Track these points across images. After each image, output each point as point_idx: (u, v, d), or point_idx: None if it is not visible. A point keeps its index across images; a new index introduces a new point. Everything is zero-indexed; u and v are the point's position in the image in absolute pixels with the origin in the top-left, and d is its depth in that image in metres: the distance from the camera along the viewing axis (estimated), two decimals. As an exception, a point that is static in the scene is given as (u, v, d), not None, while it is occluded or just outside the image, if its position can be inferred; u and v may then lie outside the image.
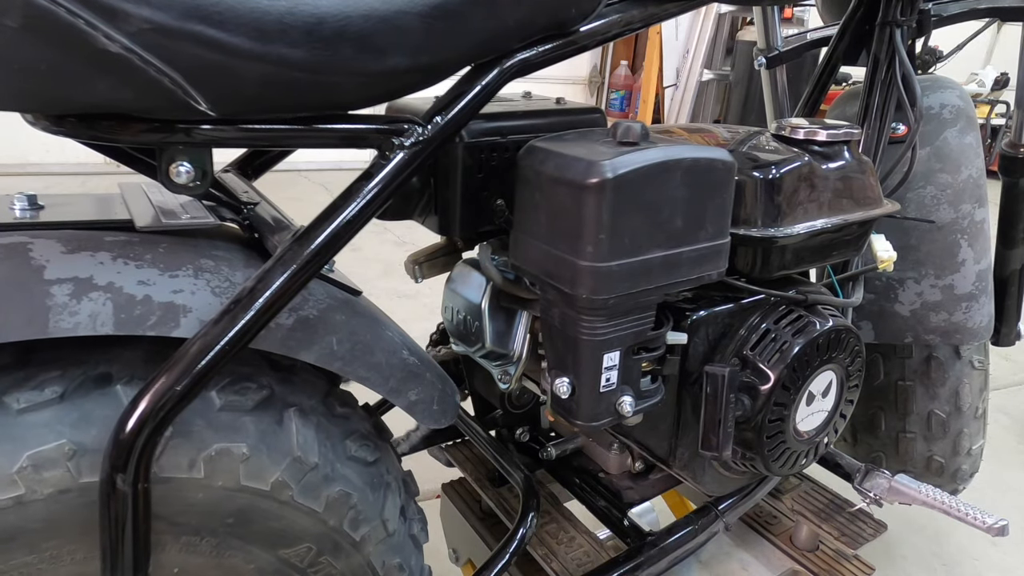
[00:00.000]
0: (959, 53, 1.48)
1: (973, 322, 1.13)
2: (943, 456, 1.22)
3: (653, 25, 0.74)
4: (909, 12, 0.96)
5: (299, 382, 0.63)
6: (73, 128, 0.50)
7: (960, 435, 1.20)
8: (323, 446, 0.61)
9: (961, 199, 1.10)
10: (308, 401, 0.62)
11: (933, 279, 1.11)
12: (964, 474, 1.25)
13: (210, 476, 0.55)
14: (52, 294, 0.49)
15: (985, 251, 1.13)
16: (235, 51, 0.46)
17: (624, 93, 5.44)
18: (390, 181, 0.57)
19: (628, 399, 0.68)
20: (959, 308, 1.11)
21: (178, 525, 0.55)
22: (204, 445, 0.54)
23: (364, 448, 0.66)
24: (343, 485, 0.62)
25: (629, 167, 0.58)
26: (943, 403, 1.18)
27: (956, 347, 1.16)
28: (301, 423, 0.60)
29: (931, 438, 1.21)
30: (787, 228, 0.74)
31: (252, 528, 0.58)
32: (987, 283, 1.13)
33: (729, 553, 0.98)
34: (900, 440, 1.24)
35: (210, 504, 0.56)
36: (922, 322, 1.13)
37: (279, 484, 0.58)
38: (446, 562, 1.15)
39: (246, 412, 0.57)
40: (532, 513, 0.84)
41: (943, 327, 1.12)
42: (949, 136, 1.10)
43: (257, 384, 0.59)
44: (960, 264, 1.11)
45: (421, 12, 0.52)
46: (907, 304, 1.13)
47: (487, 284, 0.74)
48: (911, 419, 1.21)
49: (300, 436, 0.60)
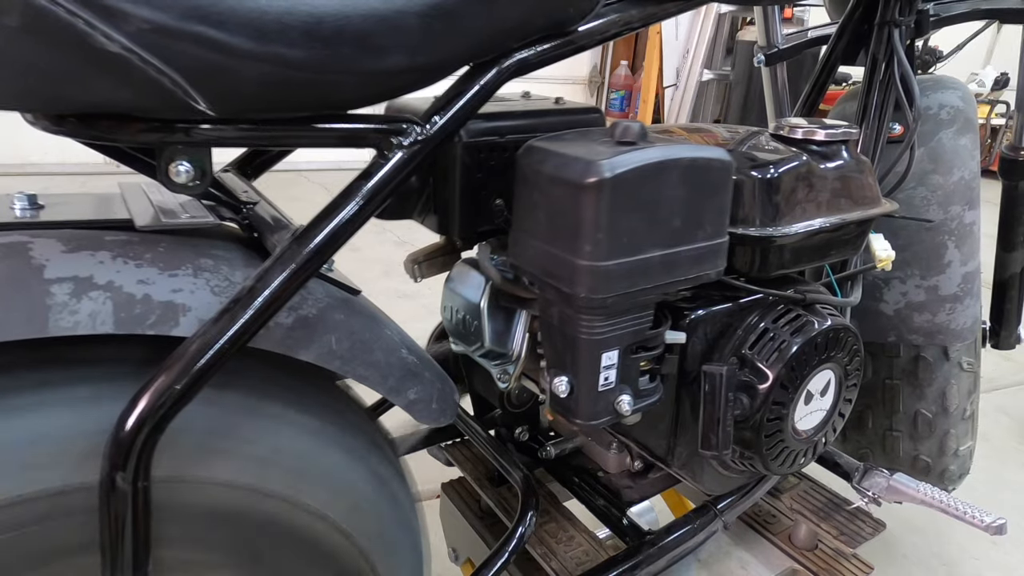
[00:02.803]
0: (959, 53, 1.48)
1: (957, 323, 1.13)
2: (929, 456, 1.22)
3: (652, 25, 0.74)
4: (907, 12, 0.96)
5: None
6: (73, 128, 0.50)
7: (947, 436, 1.20)
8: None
9: (951, 201, 1.10)
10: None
11: (918, 279, 1.12)
12: (952, 475, 1.25)
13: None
14: (52, 293, 0.49)
15: (973, 253, 1.13)
16: (234, 51, 0.46)
17: (624, 93, 5.44)
18: (389, 180, 0.57)
19: (627, 398, 0.68)
20: (943, 309, 1.12)
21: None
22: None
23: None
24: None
25: (627, 166, 0.59)
26: (930, 403, 1.18)
27: (944, 348, 1.16)
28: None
29: (917, 437, 1.21)
30: (785, 227, 0.74)
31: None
32: (974, 285, 1.13)
33: (728, 552, 0.98)
34: (887, 438, 1.24)
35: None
36: (905, 322, 1.14)
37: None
38: (446, 561, 1.15)
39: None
40: (531, 512, 0.84)
41: (926, 327, 1.13)
42: (944, 137, 1.10)
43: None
44: (946, 266, 1.11)
45: (420, 12, 0.52)
46: (891, 303, 1.14)
47: (486, 283, 0.74)
48: (897, 417, 1.22)
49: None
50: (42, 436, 0.50)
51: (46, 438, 0.50)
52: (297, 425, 0.60)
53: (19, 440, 0.49)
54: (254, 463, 0.57)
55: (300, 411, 0.60)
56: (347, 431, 0.64)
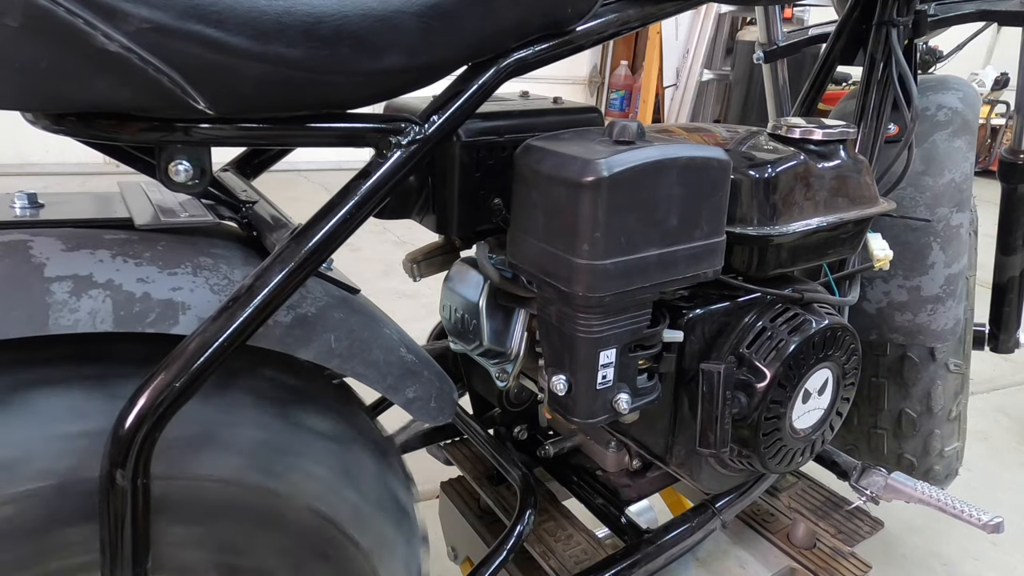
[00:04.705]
0: (959, 53, 1.48)
1: (937, 324, 1.13)
2: (913, 455, 1.22)
3: (650, 24, 0.74)
4: (905, 12, 0.97)
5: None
6: (73, 127, 0.50)
7: (931, 436, 1.20)
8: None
9: (939, 202, 1.10)
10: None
11: (901, 279, 1.12)
12: (938, 475, 1.25)
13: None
14: (52, 291, 0.50)
15: (958, 256, 1.13)
16: (233, 50, 0.46)
17: (624, 93, 5.44)
18: (387, 179, 0.57)
19: (625, 396, 0.68)
20: (924, 310, 1.12)
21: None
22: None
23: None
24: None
25: (625, 165, 0.59)
26: (914, 403, 1.18)
27: (931, 349, 1.16)
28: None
29: (901, 436, 1.21)
30: (783, 227, 0.74)
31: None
32: (957, 287, 1.13)
33: (726, 551, 0.98)
34: (871, 435, 1.24)
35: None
36: (887, 320, 1.14)
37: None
38: (445, 560, 1.15)
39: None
40: (530, 510, 0.84)
41: (907, 327, 1.13)
42: (938, 139, 1.11)
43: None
44: (929, 267, 1.11)
45: (418, 12, 0.53)
46: (874, 302, 1.14)
47: (484, 282, 0.75)
48: (882, 416, 1.22)
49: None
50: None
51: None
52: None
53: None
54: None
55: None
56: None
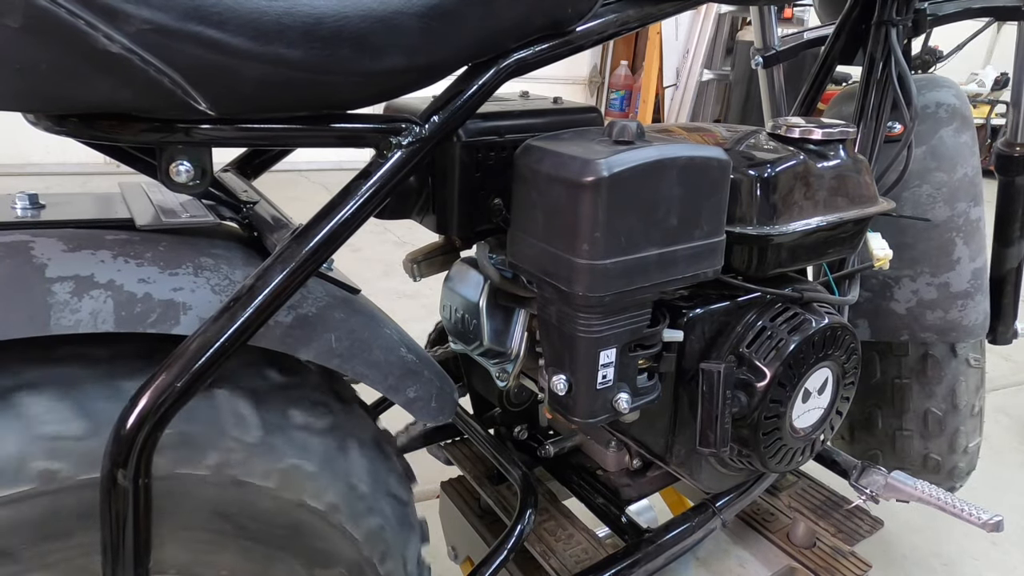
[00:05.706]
0: (959, 53, 1.48)
1: (969, 320, 1.13)
2: (939, 454, 1.22)
3: (650, 24, 0.74)
4: (905, 11, 0.97)
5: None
6: (74, 128, 0.50)
7: (957, 433, 1.20)
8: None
9: (957, 197, 1.10)
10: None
11: (929, 277, 1.12)
12: (961, 472, 1.25)
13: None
14: (53, 292, 0.50)
15: (981, 249, 1.13)
16: (234, 51, 0.46)
17: (624, 93, 5.43)
18: (388, 180, 0.57)
19: (625, 396, 0.69)
20: (955, 306, 1.12)
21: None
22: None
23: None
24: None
25: (624, 165, 0.59)
26: (939, 401, 1.19)
27: (952, 345, 1.16)
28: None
29: (928, 436, 1.21)
30: (782, 226, 0.74)
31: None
32: (983, 281, 1.14)
33: (726, 550, 0.98)
34: (897, 438, 1.24)
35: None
36: (918, 320, 1.14)
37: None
38: (445, 560, 1.15)
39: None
40: (530, 510, 0.84)
41: (939, 325, 1.13)
42: (945, 135, 1.11)
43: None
44: (955, 262, 1.11)
45: (418, 12, 0.53)
46: (903, 302, 1.14)
47: (485, 282, 0.75)
48: (907, 417, 1.22)
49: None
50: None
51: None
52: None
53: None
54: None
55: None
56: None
